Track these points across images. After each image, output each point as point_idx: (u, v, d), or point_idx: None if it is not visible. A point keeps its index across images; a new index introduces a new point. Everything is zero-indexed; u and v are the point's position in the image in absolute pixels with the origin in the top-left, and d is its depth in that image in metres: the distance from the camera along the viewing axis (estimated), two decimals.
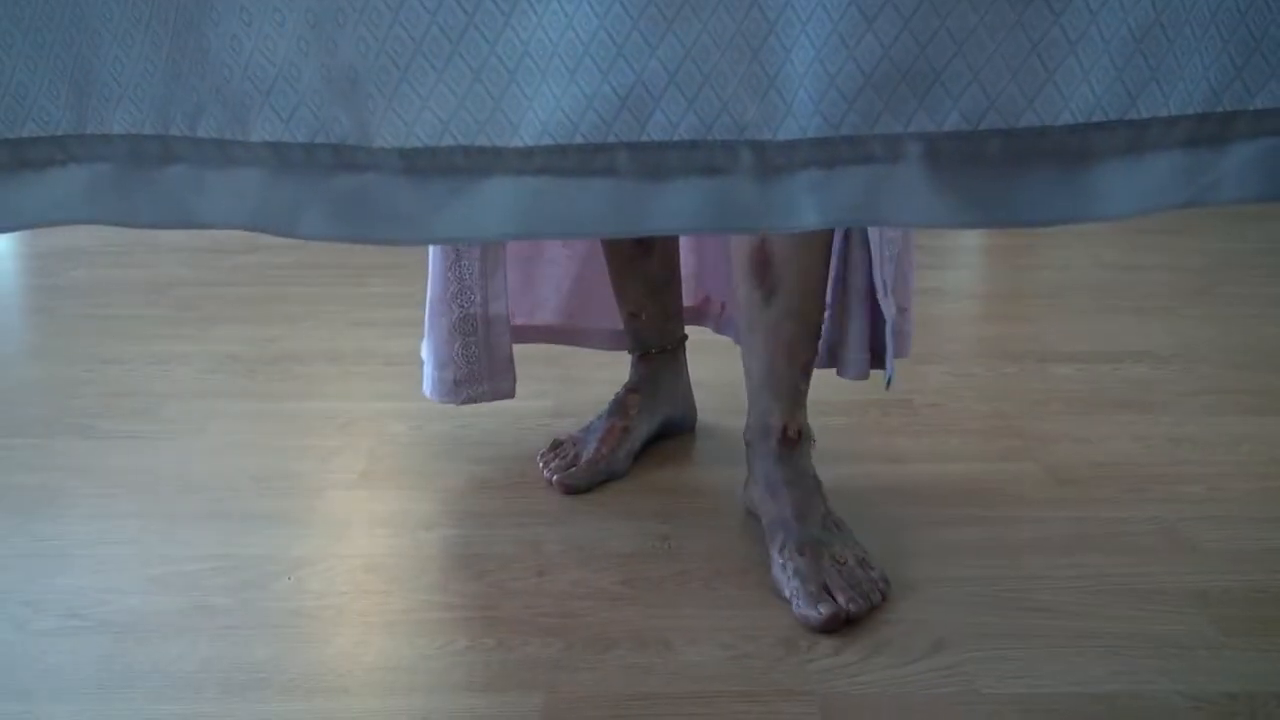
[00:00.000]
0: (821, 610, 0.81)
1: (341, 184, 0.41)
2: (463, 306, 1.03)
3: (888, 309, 0.95)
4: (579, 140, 0.40)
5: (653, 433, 1.13)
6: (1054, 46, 0.39)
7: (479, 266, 1.02)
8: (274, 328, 1.60)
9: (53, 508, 1.02)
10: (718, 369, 1.22)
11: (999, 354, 1.45)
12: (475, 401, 1.07)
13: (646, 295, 1.09)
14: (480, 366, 1.05)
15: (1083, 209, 0.40)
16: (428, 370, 1.08)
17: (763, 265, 0.89)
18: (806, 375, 0.95)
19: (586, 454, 1.06)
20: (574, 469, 1.05)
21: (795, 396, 0.94)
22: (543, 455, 1.09)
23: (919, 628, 0.82)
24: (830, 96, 0.41)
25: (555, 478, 1.04)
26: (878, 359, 1.01)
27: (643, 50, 0.39)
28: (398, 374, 1.38)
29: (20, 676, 0.77)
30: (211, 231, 2.21)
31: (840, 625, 0.81)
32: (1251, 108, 0.38)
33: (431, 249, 1.03)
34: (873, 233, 0.94)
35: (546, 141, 0.40)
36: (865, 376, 1.02)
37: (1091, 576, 0.89)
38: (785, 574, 0.85)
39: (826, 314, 0.97)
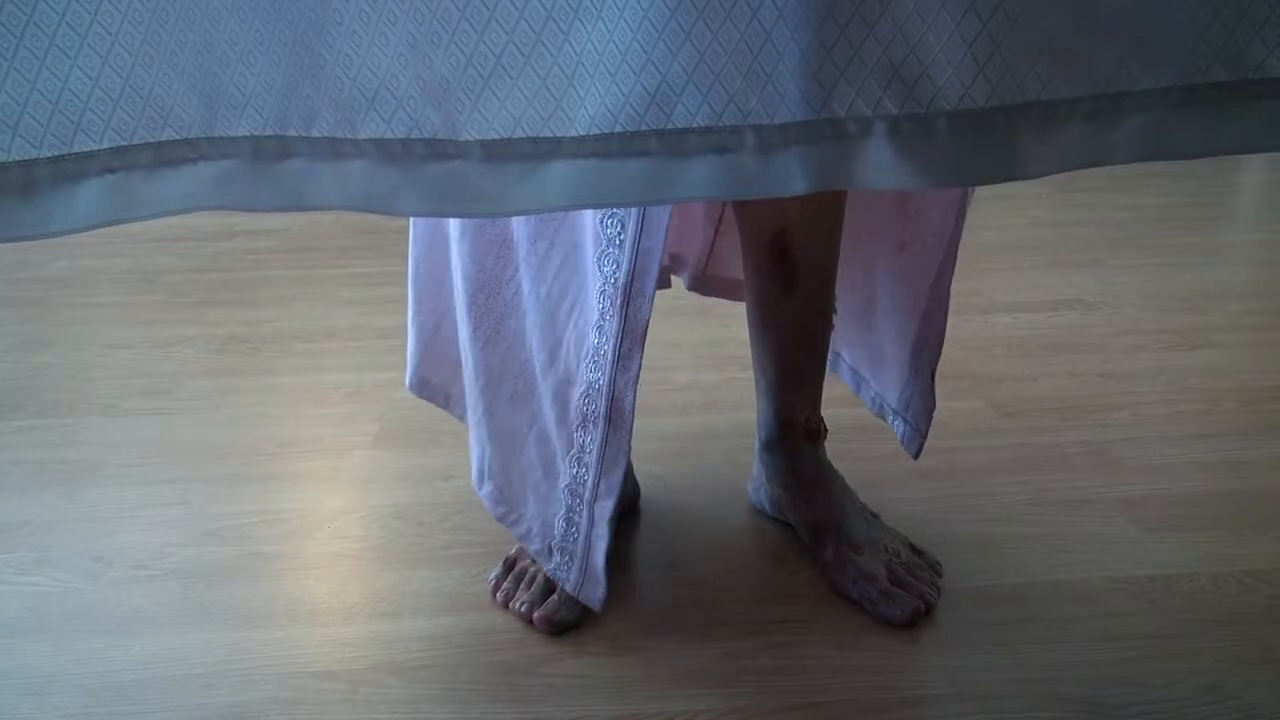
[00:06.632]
0: (903, 609, 0.82)
1: (433, 170, 0.51)
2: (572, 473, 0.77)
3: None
4: (619, 129, 0.51)
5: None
6: (981, 45, 0.51)
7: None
8: (266, 309, 1.68)
9: (97, 477, 1.10)
10: None
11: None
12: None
13: None
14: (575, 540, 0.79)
15: (1008, 172, 0.52)
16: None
17: (782, 258, 0.86)
18: (824, 367, 0.94)
19: None
20: (555, 599, 0.83)
21: (816, 389, 0.93)
22: (498, 583, 0.87)
23: None
24: (813, 88, 0.52)
25: (536, 615, 0.82)
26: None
27: (666, 57, 0.50)
28: (392, 347, 1.47)
29: (106, 617, 0.86)
30: (187, 220, 2.28)
31: (921, 618, 0.83)
32: (1136, 89, 0.50)
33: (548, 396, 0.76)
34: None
35: (594, 131, 0.51)
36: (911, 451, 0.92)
37: (1033, 491, 1.03)
38: (848, 577, 0.86)
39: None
